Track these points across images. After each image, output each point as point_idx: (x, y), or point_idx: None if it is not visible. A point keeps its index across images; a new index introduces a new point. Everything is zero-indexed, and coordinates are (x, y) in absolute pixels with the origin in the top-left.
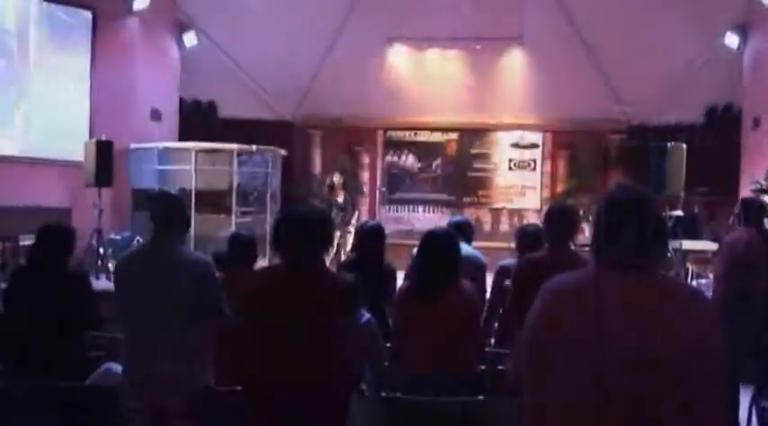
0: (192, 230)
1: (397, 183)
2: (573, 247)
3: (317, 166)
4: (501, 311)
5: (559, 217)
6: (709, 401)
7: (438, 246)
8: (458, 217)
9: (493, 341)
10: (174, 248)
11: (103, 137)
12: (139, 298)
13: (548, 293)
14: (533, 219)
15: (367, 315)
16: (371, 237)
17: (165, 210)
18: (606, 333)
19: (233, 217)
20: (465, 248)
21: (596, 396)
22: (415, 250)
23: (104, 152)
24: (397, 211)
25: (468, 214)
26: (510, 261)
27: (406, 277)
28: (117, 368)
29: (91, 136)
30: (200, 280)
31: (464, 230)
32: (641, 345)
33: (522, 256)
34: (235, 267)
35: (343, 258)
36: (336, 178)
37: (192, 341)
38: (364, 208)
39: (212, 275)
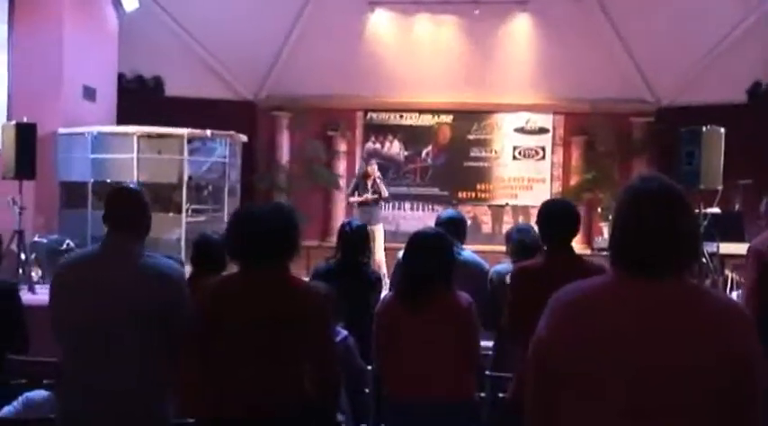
0: None
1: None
2: (574, 250)
3: (285, 155)
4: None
5: (559, 217)
6: (747, 421)
7: (427, 249)
8: (449, 212)
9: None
10: (136, 252)
11: (25, 120)
12: (90, 315)
13: (559, 306)
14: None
15: (343, 333)
16: (354, 240)
17: (126, 208)
18: (632, 350)
19: (183, 216)
20: (465, 252)
21: (624, 421)
22: (400, 254)
23: (26, 137)
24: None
25: (465, 212)
26: (504, 266)
27: (392, 286)
28: (39, 396)
29: (9, 118)
30: (172, 294)
31: (456, 228)
32: (670, 362)
33: (516, 263)
34: (201, 278)
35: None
36: (372, 167)
37: (154, 367)
38: (339, 205)
39: (186, 288)
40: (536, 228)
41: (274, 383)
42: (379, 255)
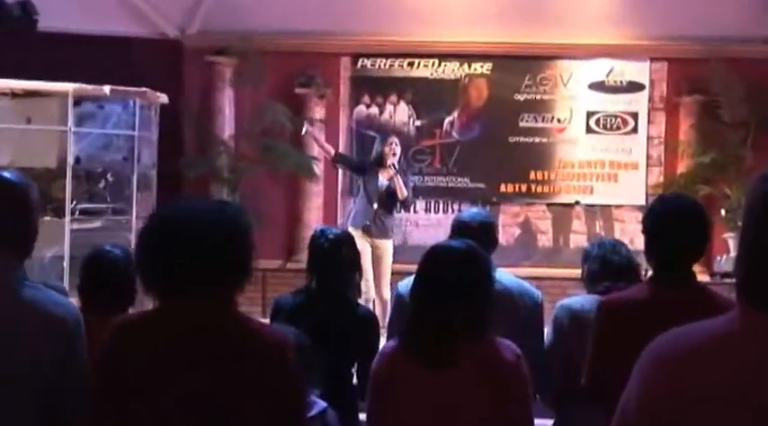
0: None
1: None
2: (697, 278)
3: (228, 125)
4: (565, 386)
5: (680, 223)
6: None
7: (454, 274)
8: (474, 213)
9: None
10: (12, 281)
11: None
12: None
13: (664, 362)
14: (631, 224)
15: (320, 405)
16: (334, 257)
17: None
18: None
19: (66, 220)
20: (503, 275)
21: None
22: (407, 282)
23: None
24: None
25: (511, 214)
26: (579, 301)
27: (391, 330)
28: None
29: None
30: (63, 349)
31: (488, 237)
32: None
33: (603, 295)
34: (95, 320)
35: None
36: (392, 146)
37: None
38: (316, 202)
39: (83, 341)
40: (627, 243)
41: None
42: (384, 284)
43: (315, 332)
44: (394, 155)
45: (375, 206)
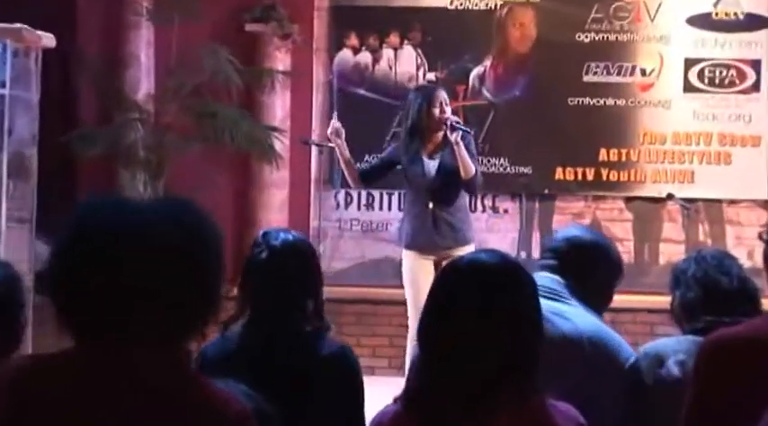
0: None
1: (365, 130)
2: None
3: (146, 80)
4: None
5: None
6: None
7: (475, 300)
8: (578, 233)
9: None
10: None
11: None
12: None
13: None
14: (750, 228)
15: None
16: (273, 276)
17: None
18: None
19: None
20: (566, 309)
21: None
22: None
23: None
24: (367, 205)
25: (570, 213)
26: (670, 344)
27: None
28: None
29: None
30: None
31: (580, 264)
32: None
33: (705, 334)
34: None
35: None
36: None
37: None
38: (278, 195)
39: None
40: (743, 257)
41: None
42: None
43: (272, 389)
44: (443, 113)
45: (430, 204)
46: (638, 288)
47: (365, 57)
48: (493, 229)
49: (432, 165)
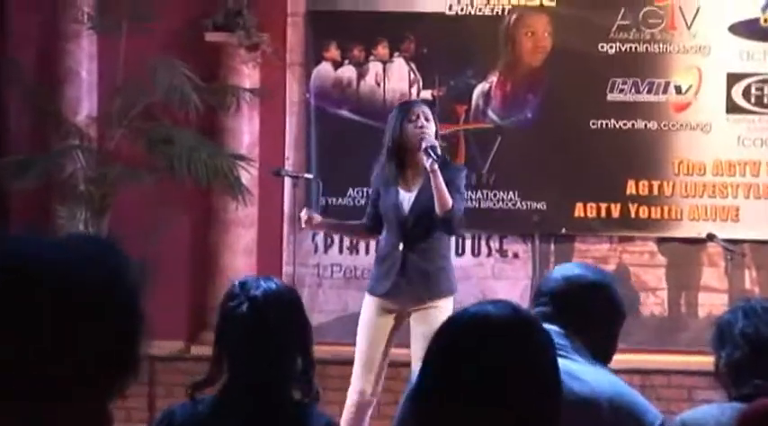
0: None
1: (348, 158)
2: None
3: (87, 99)
4: None
5: None
6: None
7: (481, 361)
8: (572, 270)
9: None
10: None
11: None
12: None
13: None
14: None
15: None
16: (255, 332)
17: None
18: None
19: None
20: (583, 369)
21: None
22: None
23: None
24: (351, 249)
25: (593, 257)
26: (713, 413)
27: None
28: None
29: None
30: None
31: (584, 310)
32: None
33: (751, 401)
34: None
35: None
36: (418, 119)
37: None
38: (245, 236)
39: None
40: None
41: None
42: None
43: None
44: (421, 128)
45: (401, 246)
46: (673, 346)
47: (348, 71)
48: (500, 276)
49: (407, 198)
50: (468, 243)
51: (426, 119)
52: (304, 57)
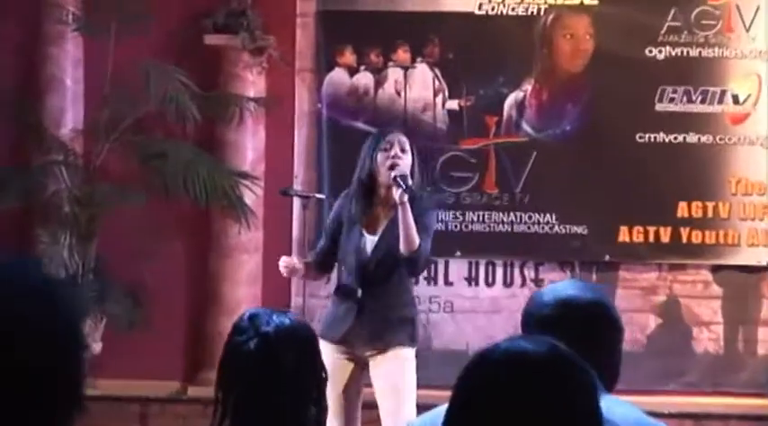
0: None
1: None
2: None
3: (73, 110)
4: None
5: None
6: None
7: (517, 403)
8: (567, 288)
9: None
10: None
11: None
12: None
13: None
14: None
15: None
16: (266, 373)
17: None
18: None
19: None
20: (622, 409)
21: None
22: (431, 419)
23: None
24: None
25: (639, 287)
26: None
27: None
28: None
29: None
30: None
31: (594, 332)
32: None
33: None
34: None
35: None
36: (390, 150)
37: None
38: (248, 263)
39: None
40: None
41: None
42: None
43: None
44: (394, 158)
45: (359, 292)
46: (728, 387)
47: (365, 78)
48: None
49: (370, 240)
50: (500, 271)
51: (402, 150)
52: (315, 62)
